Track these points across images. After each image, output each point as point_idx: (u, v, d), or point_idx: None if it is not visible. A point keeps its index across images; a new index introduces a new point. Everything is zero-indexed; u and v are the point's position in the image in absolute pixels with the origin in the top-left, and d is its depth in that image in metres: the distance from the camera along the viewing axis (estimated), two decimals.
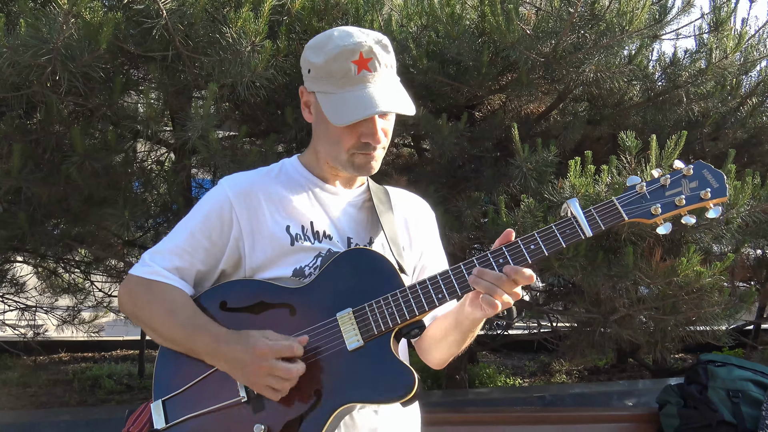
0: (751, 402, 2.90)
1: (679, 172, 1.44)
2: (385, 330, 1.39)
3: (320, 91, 1.44)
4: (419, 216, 1.66)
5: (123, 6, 2.46)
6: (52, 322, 5.40)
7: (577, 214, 1.39)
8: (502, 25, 2.68)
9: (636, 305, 3.05)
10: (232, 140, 3.14)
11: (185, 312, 1.45)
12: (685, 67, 3.30)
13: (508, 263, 1.36)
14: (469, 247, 3.67)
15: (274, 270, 1.47)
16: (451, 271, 1.40)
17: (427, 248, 1.64)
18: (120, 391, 5.02)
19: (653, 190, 1.42)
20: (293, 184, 1.53)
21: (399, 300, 1.39)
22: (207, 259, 1.49)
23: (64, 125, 2.90)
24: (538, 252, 1.38)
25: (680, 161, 1.46)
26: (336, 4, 2.80)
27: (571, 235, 1.38)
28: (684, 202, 1.41)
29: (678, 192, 1.42)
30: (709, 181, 1.42)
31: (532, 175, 2.84)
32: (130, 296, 1.51)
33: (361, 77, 1.40)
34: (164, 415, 1.44)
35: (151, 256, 1.50)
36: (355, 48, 1.40)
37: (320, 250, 1.48)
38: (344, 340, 1.40)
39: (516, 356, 6.18)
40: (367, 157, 1.46)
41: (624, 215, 1.40)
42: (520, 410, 3.32)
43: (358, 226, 1.55)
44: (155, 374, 1.50)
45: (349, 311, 1.41)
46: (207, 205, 1.50)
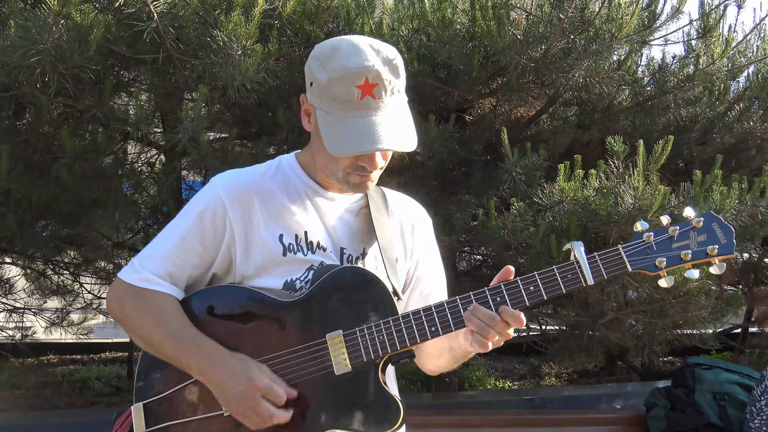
0: (737, 405, 2.93)
1: (689, 223, 1.40)
2: (374, 358, 1.37)
3: (320, 109, 1.36)
4: (416, 223, 1.61)
5: (114, 9, 2.45)
6: (41, 324, 5.36)
7: (580, 260, 1.36)
8: (493, 30, 2.70)
9: (624, 309, 3.07)
10: (223, 142, 3.14)
11: (175, 323, 1.41)
12: (674, 72, 3.34)
13: (506, 302, 1.34)
14: (459, 250, 3.69)
15: (264, 279, 1.44)
16: (447, 304, 1.37)
17: (423, 257, 1.61)
18: (109, 394, 5.00)
19: (661, 242, 1.39)
20: (289, 188, 1.48)
21: (391, 329, 1.37)
22: (199, 263, 1.45)
23: (54, 126, 2.89)
24: (536, 294, 1.36)
25: (691, 208, 1.42)
26: (327, 8, 2.81)
27: (572, 281, 1.36)
28: (690, 257, 1.38)
29: (685, 245, 1.38)
30: (718, 236, 1.39)
31: (522, 179, 2.86)
32: (119, 302, 1.47)
33: (364, 104, 1.31)
34: (144, 420, 1.42)
35: (141, 261, 1.45)
36: (361, 72, 1.30)
37: (312, 263, 1.45)
38: (332, 363, 1.37)
39: (506, 359, 6.20)
40: (362, 177, 1.40)
41: (628, 266, 1.37)
42: (509, 413, 3.33)
43: (352, 236, 1.51)
44: (138, 376, 1.47)
45: (339, 333, 1.38)
46: (199, 206, 1.44)
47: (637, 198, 2.54)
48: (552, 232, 2.64)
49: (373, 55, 1.32)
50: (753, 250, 4.52)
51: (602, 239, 2.81)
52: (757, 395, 2.53)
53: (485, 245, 3.23)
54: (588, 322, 3.26)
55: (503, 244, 2.83)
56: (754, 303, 4.85)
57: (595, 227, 2.71)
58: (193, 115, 2.50)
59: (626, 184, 2.57)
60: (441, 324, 1.37)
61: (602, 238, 2.80)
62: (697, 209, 1.44)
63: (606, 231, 2.66)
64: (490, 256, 4.01)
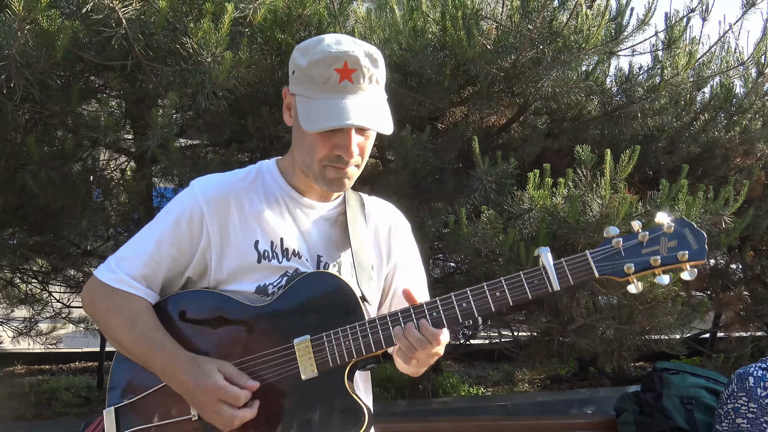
0: (704, 408, 2.97)
1: (660, 228, 1.38)
2: (341, 363, 1.37)
3: (300, 95, 1.39)
4: (393, 225, 1.62)
5: (82, 15, 2.43)
6: (8, 334, 5.26)
7: (547, 265, 1.36)
8: (463, 40, 2.73)
9: (593, 315, 3.11)
10: (194, 149, 3.12)
11: (145, 326, 1.41)
12: (640, 83, 3.40)
13: (471, 307, 1.36)
14: (432, 257, 3.71)
15: (238, 284, 1.44)
16: (413, 309, 1.38)
17: (402, 260, 1.61)
18: (78, 404, 4.91)
19: (629, 247, 1.37)
20: (267, 194, 1.48)
21: (357, 334, 1.37)
22: (174, 267, 1.45)
23: (21, 133, 2.85)
24: (502, 299, 1.36)
25: (664, 214, 1.39)
26: (299, 16, 2.81)
27: (539, 286, 1.36)
28: (659, 262, 1.35)
29: (655, 251, 1.36)
30: (689, 241, 1.36)
31: (492, 187, 2.89)
32: (92, 300, 1.48)
33: (342, 87, 1.34)
34: (116, 424, 1.42)
35: (117, 261, 1.46)
36: (340, 56, 1.34)
37: (287, 270, 1.45)
38: (299, 368, 1.38)
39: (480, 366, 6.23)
40: (339, 171, 1.40)
41: (595, 271, 1.35)
42: (482, 419, 3.34)
43: (329, 244, 1.51)
44: (110, 379, 1.47)
45: (306, 339, 1.38)
46: (177, 210, 1.45)
47: (603, 206, 2.58)
48: (521, 240, 2.67)
49: (354, 45, 1.37)
50: (720, 257, 4.61)
51: (571, 246, 2.85)
52: (724, 398, 2.57)
53: (457, 252, 3.25)
54: (558, 328, 3.30)
55: (474, 252, 2.86)
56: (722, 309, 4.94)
57: (563, 234, 2.74)
58: (162, 121, 2.48)
59: (594, 193, 2.61)
60: None
61: (571, 245, 2.84)
62: (671, 216, 1.41)
63: (574, 238, 2.70)
64: (463, 263, 4.04)
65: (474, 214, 2.95)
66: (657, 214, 1.39)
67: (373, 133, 1.45)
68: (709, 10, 3.44)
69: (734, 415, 2.50)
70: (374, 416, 1.42)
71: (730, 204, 2.98)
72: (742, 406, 2.48)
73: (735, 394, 2.51)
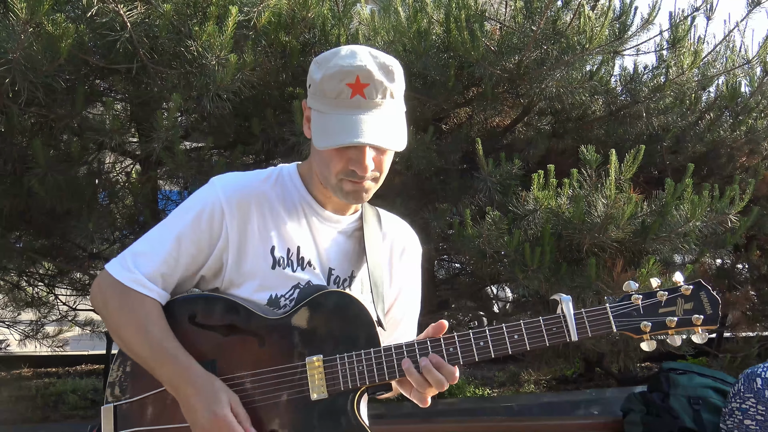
0: (711, 408, 2.96)
1: (678, 290, 1.42)
2: (351, 387, 1.37)
3: (315, 109, 1.37)
4: (406, 247, 1.61)
5: (87, 18, 2.44)
6: (15, 337, 5.28)
7: (567, 315, 1.38)
8: (467, 41, 2.73)
9: None
10: (199, 151, 3.13)
11: (157, 331, 1.39)
12: (645, 82, 3.39)
13: (488, 347, 1.37)
14: (437, 258, 3.71)
15: (249, 290, 1.43)
16: (430, 342, 1.38)
17: (406, 285, 1.61)
18: (84, 407, 4.92)
19: (647, 305, 1.41)
20: (287, 201, 1.47)
21: (372, 360, 1.37)
22: (191, 265, 1.43)
23: (27, 136, 2.86)
24: (520, 343, 1.37)
25: (680, 274, 1.44)
26: (303, 19, 2.82)
27: (557, 335, 1.38)
28: (675, 324, 1.40)
29: (671, 311, 1.40)
30: (704, 306, 1.41)
31: (497, 188, 2.88)
32: (103, 296, 1.44)
33: (354, 102, 1.31)
34: (114, 423, 1.40)
35: (134, 258, 1.42)
36: (353, 70, 1.31)
37: (299, 281, 1.44)
38: (309, 388, 1.37)
39: (485, 366, 6.22)
40: (355, 185, 1.37)
41: (614, 326, 1.39)
42: (488, 420, 3.34)
43: (342, 258, 1.50)
44: (111, 375, 1.45)
45: (320, 358, 1.38)
46: (197, 207, 1.42)
47: (609, 206, 2.58)
48: (526, 241, 2.66)
49: (369, 58, 1.34)
50: (726, 257, 4.59)
51: (576, 246, 2.85)
52: (730, 396, 2.57)
53: (461, 253, 3.25)
54: None
55: (479, 253, 2.85)
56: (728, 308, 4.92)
57: (568, 235, 2.74)
58: (167, 124, 2.49)
59: (599, 193, 2.61)
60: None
61: (576, 245, 2.84)
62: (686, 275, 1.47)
63: (579, 239, 2.69)
64: (468, 264, 4.03)
65: (479, 215, 2.94)
66: (675, 274, 1.44)
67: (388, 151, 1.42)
68: (713, 9, 3.43)
69: (742, 415, 2.49)
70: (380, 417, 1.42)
71: (736, 202, 2.97)
72: (750, 407, 2.47)
73: (742, 393, 2.50)
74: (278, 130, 2.95)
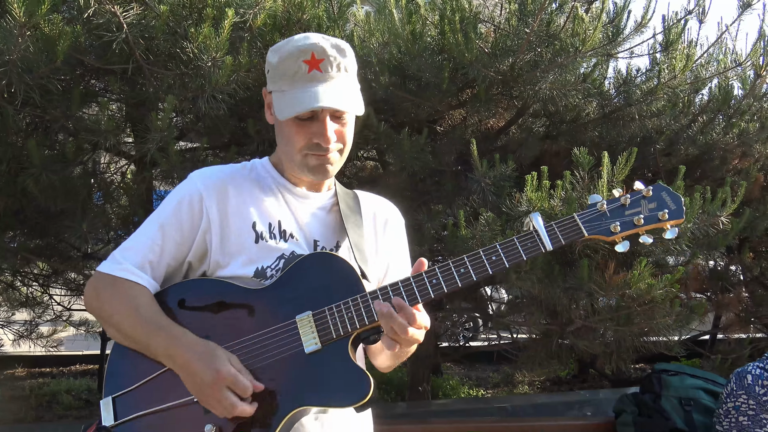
0: (702, 409, 2.98)
1: (639, 192, 1.48)
2: (343, 334, 1.38)
3: (275, 90, 1.45)
4: (389, 219, 1.66)
5: (83, 20, 2.44)
6: (9, 337, 5.27)
7: (538, 228, 1.42)
8: (461, 44, 2.74)
9: (592, 316, 3.12)
10: (194, 152, 3.13)
11: (148, 310, 1.42)
12: (638, 85, 3.41)
13: (469, 273, 1.39)
14: (431, 259, 3.72)
15: (236, 266, 1.46)
16: (413, 278, 1.39)
17: (394, 258, 1.63)
18: (78, 407, 4.92)
19: (613, 209, 1.46)
20: (263, 183, 1.54)
21: (359, 305, 1.39)
22: (177, 252, 1.47)
23: (22, 137, 2.86)
24: (499, 263, 1.40)
25: (640, 182, 1.50)
26: (298, 20, 2.83)
27: (532, 248, 1.41)
28: (642, 222, 1.45)
29: (637, 212, 1.45)
30: (667, 202, 1.47)
31: (491, 189, 2.90)
32: (96, 292, 1.48)
33: (311, 76, 1.41)
34: (113, 413, 1.41)
35: (122, 253, 1.48)
36: (307, 48, 1.41)
37: (284, 252, 1.48)
38: (302, 342, 1.39)
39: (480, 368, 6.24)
40: (320, 158, 1.45)
41: (584, 231, 1.43)
42: (481, 421, 3.35)
43: (326, 230, 1.55)
44: (107, 371, 1.47)
45: (308, 314, 1.40)
46: (177, 197, 1.49)
47: None
48: None
49: (321, 38, 1.44)
50: (719, 258, 4.62)
51: (569, 249, 2.87)
52: (724, 397, 2.59)
53: (455, 254, 3.25)
54: (557, 330, 3.31)
55: None
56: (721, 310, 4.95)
57: None
58: (161, 125, 2.50)
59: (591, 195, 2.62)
60: (408, 297, 1.39)
61: (569, 248, 2.85)
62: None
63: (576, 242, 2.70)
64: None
65: (472, 216, 2.96)
66: (635, 183, 1.49)
67: (350, 118, 1.49)
68: (705, 12, 3.45)
69: (736, 413, 2.51)
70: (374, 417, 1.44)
71: (728, 204, 2.99)
72: (742, 404, 2.50)
73: (734, 392, 2.52)
74: (273, 131, 2.95)
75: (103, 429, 1.39)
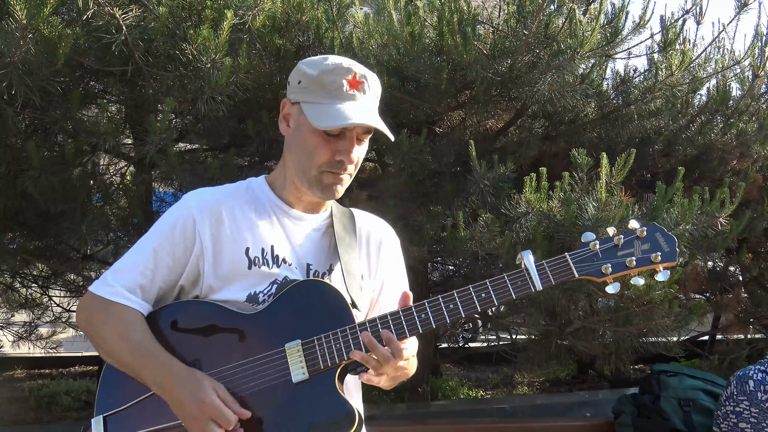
0: (701, 410, 2.98)
1: (633, 233, 1.47)
2: (331, 365, 1.39)
3: (307, 101, 1.45)
4: (383, 241, 1.66)
5: (82, 21, 2.45)
6: (8, 338, 5.27)
7: (529, 267, 1.42)
8: (460, 45, 2.75)
9: (591, 317, 3.12)
10: (193, 153, 3.14)
11: (138, 336, 1.43)
12: (636, 85, 3.42)
13: (458, 309, 1.40)
14: (430, 260, 3.73)
15: (229, 292, 1.46)
16: (402, 312, 1.40)
17: (389, 277, 1.64)
18: (78, 408, 4.92)
19: (606, 249, 1.45)
20: (257, 205, 1.53)
21: (348, 336, 1.39)
22: (168, 276, 1.48)
23: (22, 138, 2.86)
24: (488, 300, 1.41)
25: (636, 221, 1.50)
26: (297, 22, 2.83)
27: (522, 287, 1.42)
28: (634, 264, 1.44)
29: (630, 253, 1.45)
30: (661, 244, 1.46)
31: (490, 191, 2.90)
32: (87, 314, 1.50)
33: (351, 95, 1.44)
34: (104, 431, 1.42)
35: (113, 275, 1.49)
36: (350, 68, 1.45)
37: (276, 277, 1.48)
38: (290, 371, 1.39)
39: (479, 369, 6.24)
40: (335, 177, 1.46)
41: (575, 272, 1.43)
42: (480, 422, 3.36)
43: (319, 253, 1.55)
44: (99, 389, 1.48)
45: (297, 343, 1.41)
46: (170, 220, 1.49)
47: (599, 209, 2.60)
48: (518, 243, 2.68)
49: (357, 64, 1.49)
50: (717, 259, 4.63)
51: (567, 249, 2.86)
52: (723, 399, 2.58)
53: (455, 256, 3.27)
54: (556, 331, 3.31)
55: (472, 255, 2.87)
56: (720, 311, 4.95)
57: (560, 237, 2.75)
58: (160, 127, 2.50)
59: (589, 196, 2.63)
60: (396, 331, 1.39)
61: (567, 248, 2.85)
62: (642, 222, 1.52)
63: (570, 241, 2.71)
64: (462, 267, 4.05)
65: (471, 217, 2.96)
66: (630, 221, 1.49)
67: (365, 145, 1.52)
68: (703, 12, 3.46)
69: (736, 419, 2.49)
70: (364, 420, 1.43)
71: (726, 205, 3.00)
72: (744, 410, 2.47)
73: (735, 396, 2.50)
74: (273, 132, 2.96)
75: None
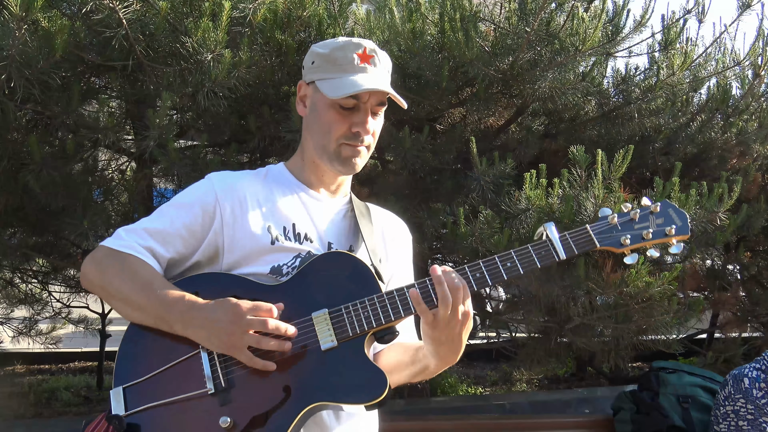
0: (700, 407, 2.99)
1: (647, 208, 1.55)
2: (360, 333, 1.40)
3: (321, 78, 1.51)
4: (396, 235, 1.69)
5: (82, 15, 2.45)
6: (8, 334, 5.28)
7: (552, 238, 1.47)
8: (461, 42, 2.75)
9: (590, 314, 3.13)
10: (194, 149, 3.14)
11: (158, 282, 1.42)
12: (637, 83, 3.42)
13: (485, 277, 1.43)
14: (430, 257, 3.73)
15: (251, 267, 1.47)
16: (429, 280, 1.41)
17: (398, 270, 1.66)
18: (77, 404, 4.93)
19: (624, 222, 1.53)
20: (279, 186, 1.57)
21: (376, 304, 1.41)
22: (181, 248, 1.48)
23: (22, 133, 2.86)
24: (514, 269, 1.44)
25: (648, 198, 1.57)
26: (298, 17, 2.83)
27: (546, 257, 1.46)
28: (651, 236, 1.51)
29: (645, 226, 1.52)
30: (674, 219, 1.54)
31: (490, 188, 2.91)
32: (99, 266, 1.47)
33: (362, 68, 1.49)
34: (124, 403, 1.39)
35: (127, 233, 1.48)
36: (360, 43, 1.51)
37: (300, 251, 1.50)
38: (318, 339, 1.39)
39: (478, 365, 6.25)
40: (353, 149, 1.51)
41: (596, 242, 1.49)
42: (479, 418, 3.37)
43: (339, 233, 1.57)
44: (117, 362, 1.45)
45: (324, 311, 1.41)
46: (191, 195, 1.52)
47: (597, 206, 2.61)
48: (517, 239, 2.69)
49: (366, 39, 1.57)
50: (716, 257, 4.63)
51: None
52: (721, 400, 2.58)
53: (455, 252, 3.27)
54: (555, 328, 3.32)
55: (472, 251, 2.88)
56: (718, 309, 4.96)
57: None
58: (160, 122, 2.50)
59: (588, 193, 2.64)
60: (424, 297, 1.39)
61: None
62: (653, 199, 1.59)
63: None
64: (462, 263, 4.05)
65: (472, 214, 2.97)
66: (642, 199, 1.57)
67: (380, 119, 1.56)
68: (705, 12, 3.46)
69: (736, 417, 2.50)
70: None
71: (725, 201, 3.00)
72: (741, 408, 2.48)
73: (732, 396, 2.51)
74: (274, 128, 2.96)
75: (115, 417, 1.37)
